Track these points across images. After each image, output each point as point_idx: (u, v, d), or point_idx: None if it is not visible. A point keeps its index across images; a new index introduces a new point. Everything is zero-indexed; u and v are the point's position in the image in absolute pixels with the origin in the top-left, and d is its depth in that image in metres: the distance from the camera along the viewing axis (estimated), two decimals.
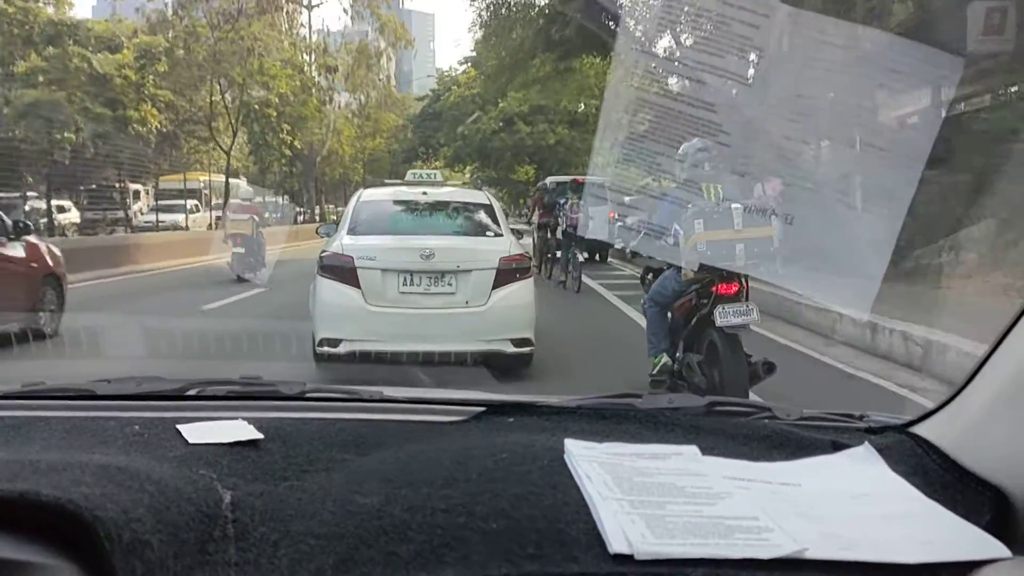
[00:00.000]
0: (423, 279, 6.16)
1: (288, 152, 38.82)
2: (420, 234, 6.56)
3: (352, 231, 6.58)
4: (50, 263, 8.48)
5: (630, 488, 0.92)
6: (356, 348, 5.94)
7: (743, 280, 4.77)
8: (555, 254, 14.86)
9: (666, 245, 4.72)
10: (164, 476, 0.87)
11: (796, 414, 1.23)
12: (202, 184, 32.93)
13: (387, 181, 9.80)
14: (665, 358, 5.18)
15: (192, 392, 1.31)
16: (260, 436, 1.06)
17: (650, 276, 5.52)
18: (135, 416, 1.15)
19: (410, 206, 7.17)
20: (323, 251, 6.44)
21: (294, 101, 36.70)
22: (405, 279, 6.14)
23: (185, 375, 1.37)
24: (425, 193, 7.31)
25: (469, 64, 46.43)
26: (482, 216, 7.02)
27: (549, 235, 15.40)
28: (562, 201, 14.51)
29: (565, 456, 1.00)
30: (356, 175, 53.10)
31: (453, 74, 49.77)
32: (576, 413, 1.21)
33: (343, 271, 6.12)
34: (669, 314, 5.27)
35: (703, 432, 1.12)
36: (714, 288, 4.75)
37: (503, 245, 6.49)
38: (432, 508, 0.86)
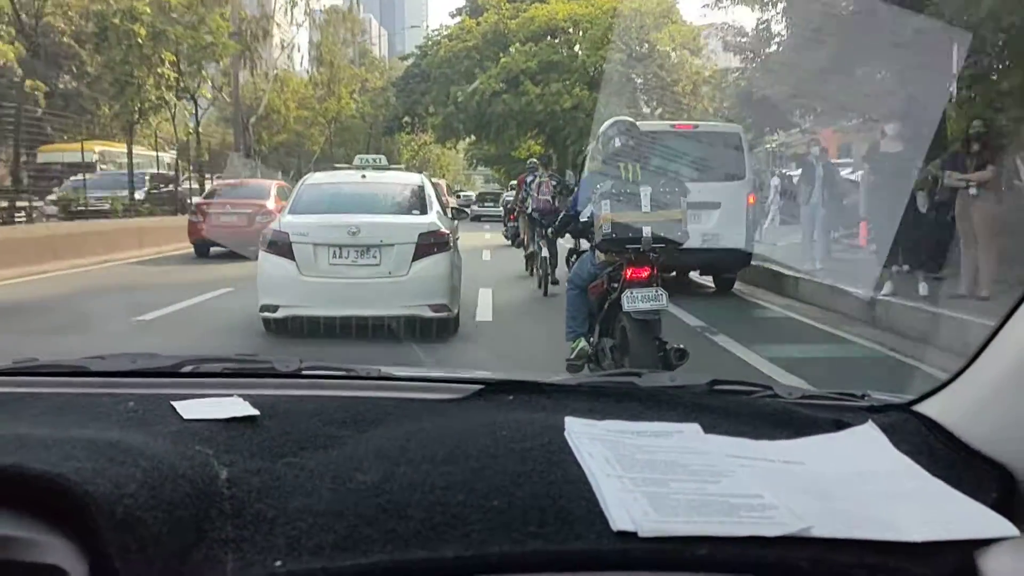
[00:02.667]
0: (351, 252, 7.04)
1: (173, 96, 23.42)
2: (352, 213, 7.31)
3: (293, 211, 7.55)
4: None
5: (632, 465, 0.91)
6: (291, 313, 6.87)
7: (655, 265, 4.66)
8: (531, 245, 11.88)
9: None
10: (158, 452, 0.85)
11: (798, 393, 1.22)
12: (97, 156, 23.43)
13: (336, 166, 10.98)
14: (583, 343, 5.02)
15: (187, 369, 1.29)
16: (256, 413, 1.04)
17: (574, 258, 5.52)
18: (129, 392, 1.14)
19: (348, 188, 8.17)
20: (267, 229, 7.47)
21: (188, 18, 22.52)
22: (335, 252, 7.03)
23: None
24: (364, 176, 8.34)
25: (464, 14, 38.14)
26: (411, 196, 7.89)
27: (522, 223, 12.57)
28: (530, 179, 11.98)
29: (566, 434, 0.99)
30: (314, 145, 41.10)
31: (443, 32, 39.60)
32: (576, 391, 1.20)
33: (280, 246, 7.07)
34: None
35: (704, 410, 1.11)
36: (624, 272, 4.62)
37: (424, 222, 7.31)
38: (432, 485, 0.85)
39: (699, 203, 8.20)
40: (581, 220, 5.07)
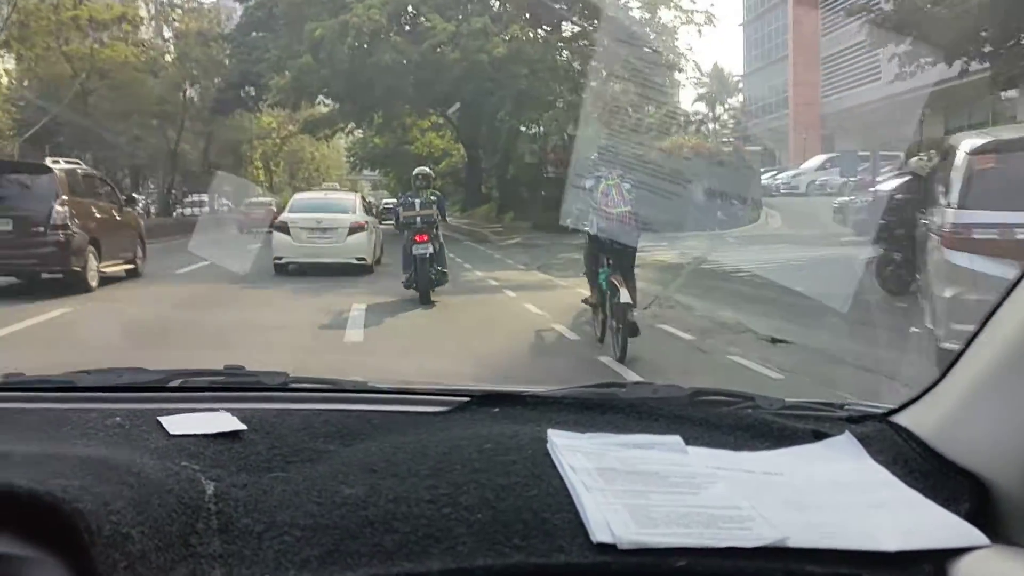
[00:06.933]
0: (317, 231, 14.09)
1: None
2: (319, 212, 14.57)
3: (289, 210, 15.09)
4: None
5: (613, 478, 0.92)
6: (289, 261, 13.99)
7: (431, 233, 10.12)
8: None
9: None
10: (145, 468, 0.86)
11: (778, 404, 1.24)
12: None
13: (313, 189, 21.52)
14: (408, 274, 10.21)
15: (174, 383, 1.30)
16: (243, 427, 1.05)
17: (406, 232, 10.43)
18: (116, 408, 1.14)
19: (317, 200, 16.11)
20: (276, 219, 15.01)
21: None
22: (310, 231, 14.07)
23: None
24: (327, 194, 17.56)
25: None
26: (347, 204, 15.48)
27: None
28: (589, 184, 7.34)
29: (549, 446, 1.00)
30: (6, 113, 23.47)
31: None
32: (560, 403, 1.21)
33: (284, 227, 14.17)
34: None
35: (686, 422, 1.13)
36: (414, 238, 10.03)
37: (352, 217, 14.41)
38: (417, 499, 0.86)
39: None
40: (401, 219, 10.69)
